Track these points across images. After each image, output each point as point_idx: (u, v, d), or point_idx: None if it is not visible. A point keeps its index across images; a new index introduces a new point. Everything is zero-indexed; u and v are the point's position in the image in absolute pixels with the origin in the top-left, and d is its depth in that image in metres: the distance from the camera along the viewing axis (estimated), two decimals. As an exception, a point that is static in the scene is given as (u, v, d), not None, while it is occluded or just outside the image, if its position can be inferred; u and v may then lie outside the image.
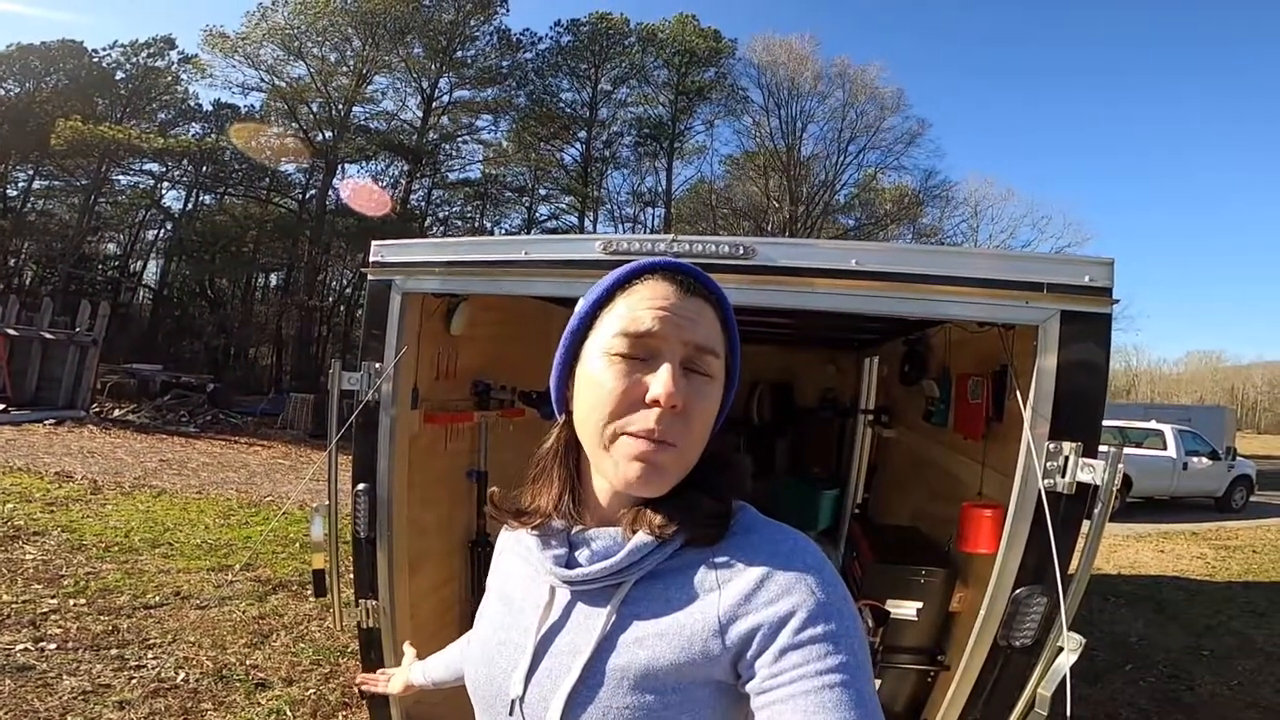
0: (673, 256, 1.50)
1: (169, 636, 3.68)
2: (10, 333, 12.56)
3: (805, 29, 30.81)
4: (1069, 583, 1.57)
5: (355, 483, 2.21)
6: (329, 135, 25.26)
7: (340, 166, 26.33)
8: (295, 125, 25.18)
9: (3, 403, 12.05)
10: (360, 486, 2.19)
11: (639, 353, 0.65)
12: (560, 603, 0.71)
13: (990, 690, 1.75)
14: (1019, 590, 1.69)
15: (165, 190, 27.55)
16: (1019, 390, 1.78)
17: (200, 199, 28.07)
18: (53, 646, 3.37)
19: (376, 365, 2.17)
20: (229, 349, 27.23)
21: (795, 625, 0.59)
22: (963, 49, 55.62)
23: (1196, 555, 8.29)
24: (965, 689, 1.78)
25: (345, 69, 25.44)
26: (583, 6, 40.51)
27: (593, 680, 0.63)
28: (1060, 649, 1.55)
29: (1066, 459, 1.63)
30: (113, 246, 29.22)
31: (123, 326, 23.36)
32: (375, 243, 2.26)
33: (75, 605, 3.93)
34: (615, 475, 0.65)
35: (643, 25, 28.19)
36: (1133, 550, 8.44)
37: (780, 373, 5.02)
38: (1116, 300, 1.67)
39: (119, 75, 26.20)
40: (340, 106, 25.44)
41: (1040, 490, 1.62)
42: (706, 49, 27.89)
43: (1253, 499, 13.01)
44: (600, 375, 0.65)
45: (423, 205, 28.48)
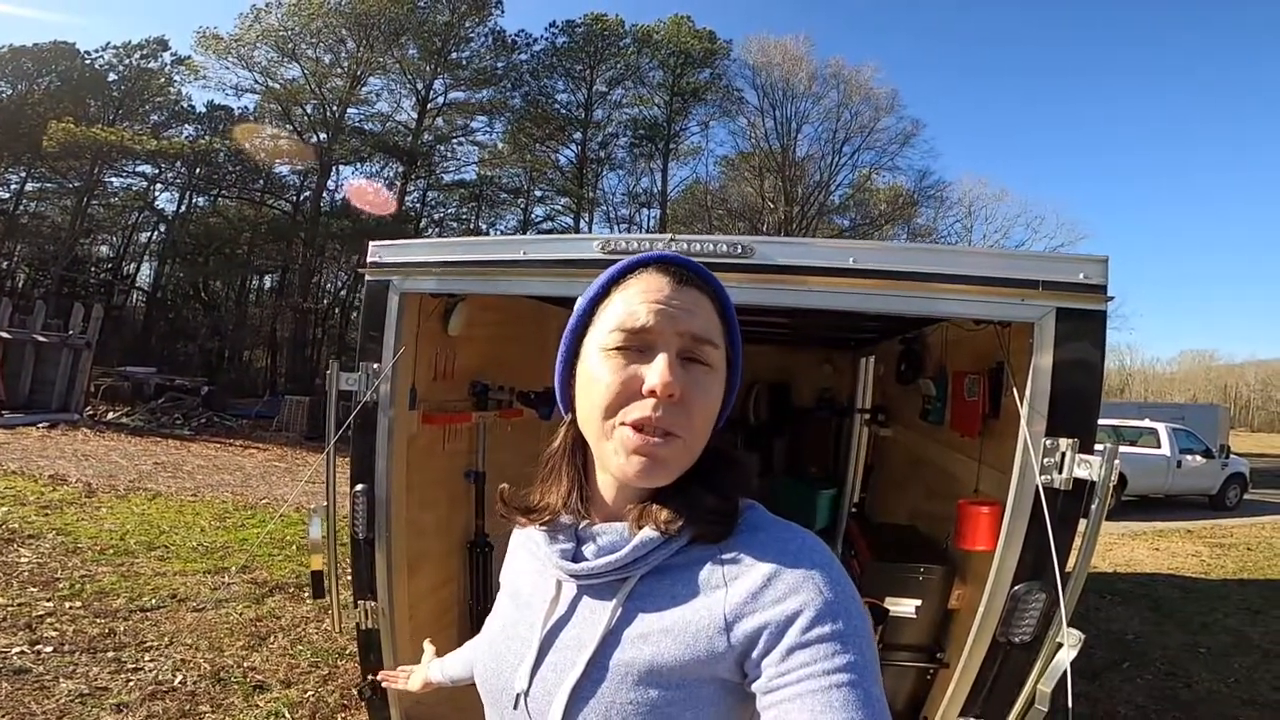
0: (672, 255, 1.50)
1: (166, 639, 3.66)
2: (3, 336, 12.48)
3: (800, 29, 30.89)
4: (1067, 579, 1.58)
5: (354, 484, 2.20)
6: (323, 137, 25.23)
7: (334, 168, 26.31)
8: (289, 127, 25.13)
9: (-4, 406, 11.98)
10: (359, 487, 2.19)
11: (635, 345, 0.65)
12: (566, 597, 0.71)
13: (990, 687, 1.76)
14: (1018, 586, 1.70)
15: (158, 192, 27.53)
16: (1015, 387, 1.79)
17: (194, 201, 28.05)
18: (49, 649, 3.35)
19: (375, 366, 2.17)
20: (223, 351, 27.11)
21: (802, 624, 0.58)
22: (957, 49, 55.87)
23: (1191, 553, 8.33)
24: (965, 686, 1.79)
25: (339, 70, 25.40)
26: (578, 7, 40.62)
27: (597, 675, 0.63)
28: (1059, 645, 1.56)
29: (1063, 455, 1.64)
30: (106, 249, 29.15)
31: (116, 329, 23.24)
32: (373, 243, 2.25)
33: (71, 608, 3.90)
34: (617, 467, 0.65)
35: (638, 26, 28.28)
36: (1128, 548, 8.48)
37: (777, 373, 5.03)
38: (1111, 297, 1.69)
39: (111, 77, 26.13)
40: (334, 108, 25.40)
41: (1038, 486, 1.63)
42: (701, 50, 27.94)
43: (1246, 497, 13.06)
44: (598, 370, 0.66)
45: (418, 207, 28.48)
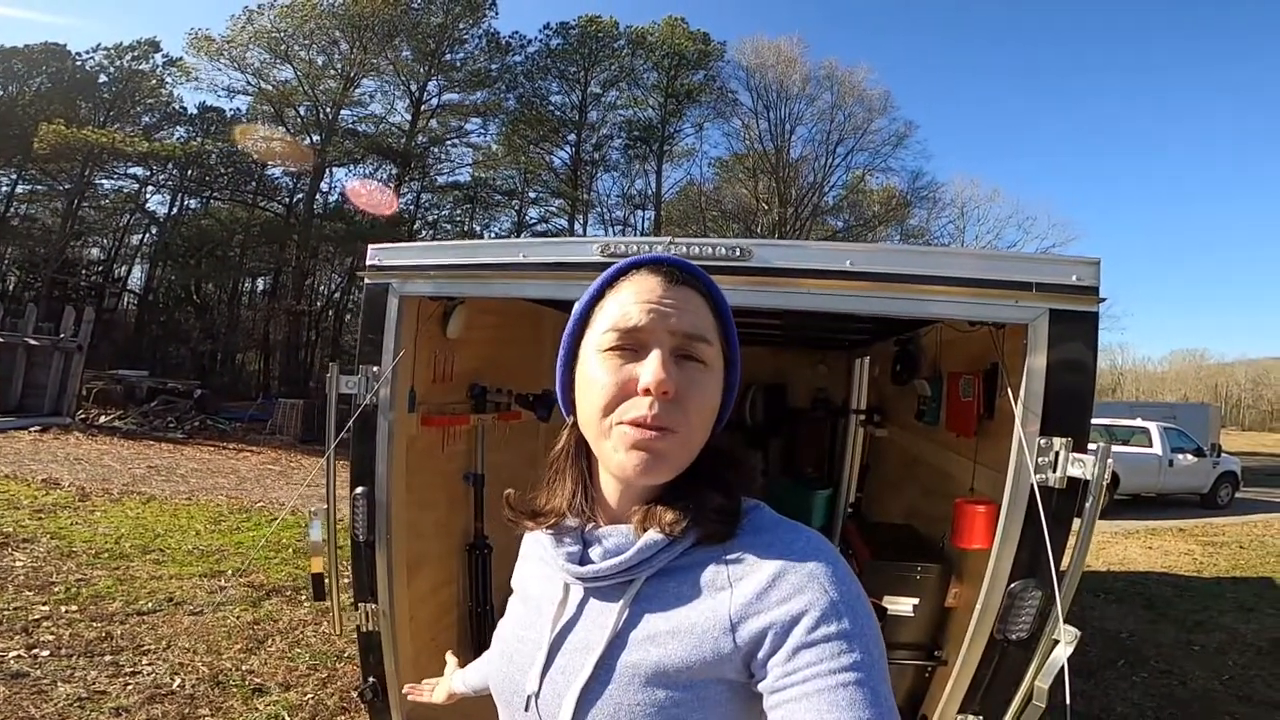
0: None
1: (163, 642, 3.65)
2: (-6, 339, 12.42)
3: (793, 30, 31.04)
4: (1063, 576, 1.60)
5: (354, 486, 2.20)
6: (316, 139, 25.09)
7: (328, 170, 26.20)
8: (282, 129, 25.02)
9: (-13, 410, 11.91)
10: (359, 490, 2.19)
11: (630, 345, 0.66)
12: (574, 599, 0.72)
13: (988, 684, 1.78)
14: (1014, 584, 1.72)
15: (150, 194, 27.31)
16: (1010, 388, 1.82)
17: (185, 203, 27.88)
18: (46, 653, 3.34)
19: (374, 369, 2.17)
20: (216, 354, 26.96)
21: (808, 624, 0.58)
22: (950, 50, 56.23)
23: (1184, 551, 8.40)
24: (963, 683, 1.81)
25: (333, 72, 25.28)
26: (572, 9, 40.62)
27: (605, 677, 0.64)
28: (1056, 642, 1.58)
29: (1057, 454, 1.67)
30: (97, 251, 28.97)
31: (108, 332, 23.13)
32: (372, 247, 2.25)
33: (67, 612, 3.89)
34: (616, 465, 0.66)
35: (632, 28, 28.23)
36: (1121, 547, 8.54)
37: (773, 374, 5.05)
38: (1103, 299, 1.71)
39: (102, 78, 25.94)
40: (328, 110, 25.27)
41: (1033, 485, 1.65)
42: (696, 52, 27.95)
43: (1238, 495, 13.16)
44: (595, 371, 0.67)
45: (412, 209, 28.35)
